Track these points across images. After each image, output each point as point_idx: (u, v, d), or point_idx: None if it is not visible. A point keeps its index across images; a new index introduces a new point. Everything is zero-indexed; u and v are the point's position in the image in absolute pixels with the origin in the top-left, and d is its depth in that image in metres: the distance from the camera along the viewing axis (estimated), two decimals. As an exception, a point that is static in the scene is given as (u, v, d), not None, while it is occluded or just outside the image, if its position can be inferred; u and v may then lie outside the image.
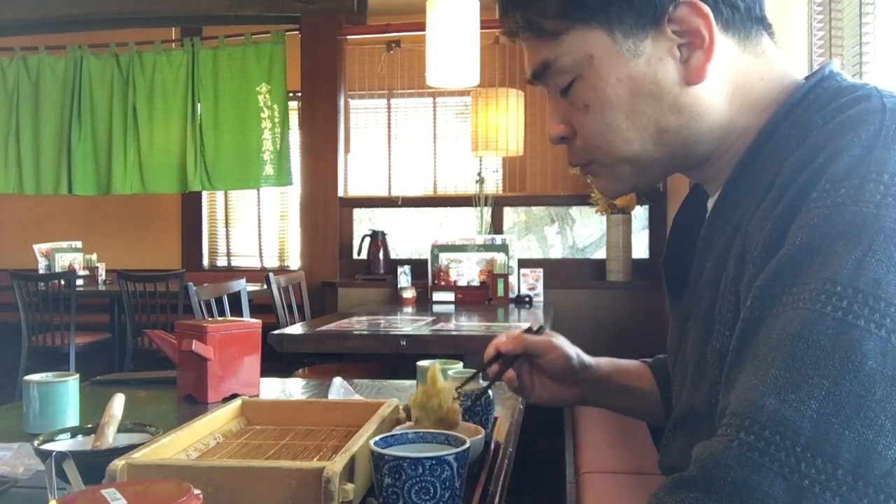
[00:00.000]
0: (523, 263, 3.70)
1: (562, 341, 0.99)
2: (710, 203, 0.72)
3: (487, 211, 3.89)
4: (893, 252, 0.50)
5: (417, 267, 3.73)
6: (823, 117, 0.59)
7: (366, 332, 2.48)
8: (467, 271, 3.64)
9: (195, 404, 1.37)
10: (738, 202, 0.64)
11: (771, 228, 0.56)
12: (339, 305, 3.83)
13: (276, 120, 4.19)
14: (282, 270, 5.08)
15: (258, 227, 5.53)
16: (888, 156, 0.53)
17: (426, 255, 3.71)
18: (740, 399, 0.51)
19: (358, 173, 4.36)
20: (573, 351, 0.98)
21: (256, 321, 1.46)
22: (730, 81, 0.67)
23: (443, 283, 3.63)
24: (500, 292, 3.49)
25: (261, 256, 5.52)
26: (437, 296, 3.58)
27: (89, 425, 0.98)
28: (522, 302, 3.46)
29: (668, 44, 0.66)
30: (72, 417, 1.20)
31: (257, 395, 1.41)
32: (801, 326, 0.50)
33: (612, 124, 0.69)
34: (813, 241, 0.52)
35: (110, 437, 0.94)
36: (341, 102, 4.06)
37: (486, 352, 1.00)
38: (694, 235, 0.72)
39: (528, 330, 1.02)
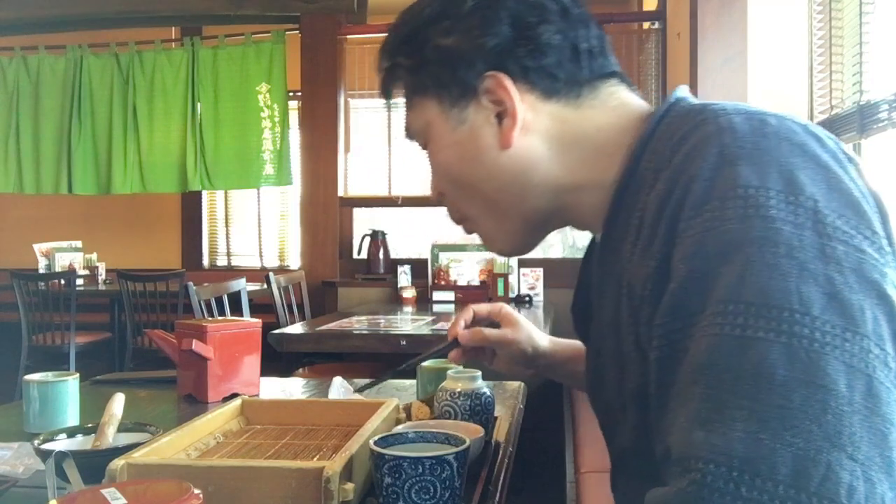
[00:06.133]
0: (523, 263, 3.69)
1: (519, 334, 1.03)
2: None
3: (487, 211, 3.88)
4: (769, 258, 0.51)
5: (417, 266, 3.73)
6: (672, 149, 0.61)
7: (366, 332, 2.48)
8: (467, 271, 3.64)
9: (195, 404, 1.37)
10: (618, 240, 0.66)
11: (654, 266, 0.57)
12: (339, 305, 3.83)
13: (276, 119, 4.19)
14: (282, 270, 5.07)
15: (258, 227, 5.53)
16: (736, 172, 0.54)
17: (426, 254, 3.71)
18: (676, 444, 0.51)
19: (358, 173, 4.36)
20: (528, 342, 1.03)
21: (256, 321, 1.46)
22: (554, 139, 0.71)
23: (443, 282, 3.63)
24: (501, 292, 3.49)
25: (261, 256, 5.52)
26: (437, 295, 3.58)
27: (89, 425, 0.98)
28: (522, 301, 3.46)
29: (485, 112, 0.71)
30: (72, 417, 1.20)
31: (257, 395, 1.41)
32: (707, 354, 0.51)
33: (451, 186, 0.76)
34: (694, 270, 0.53)
35: (110, 436, 0.94)
36: (341, 102, 4.06)
37: (448, 332, 1.05)
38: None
39: (485, 319, 1.06)
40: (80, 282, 4.31)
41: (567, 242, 5.27)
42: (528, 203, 0.73)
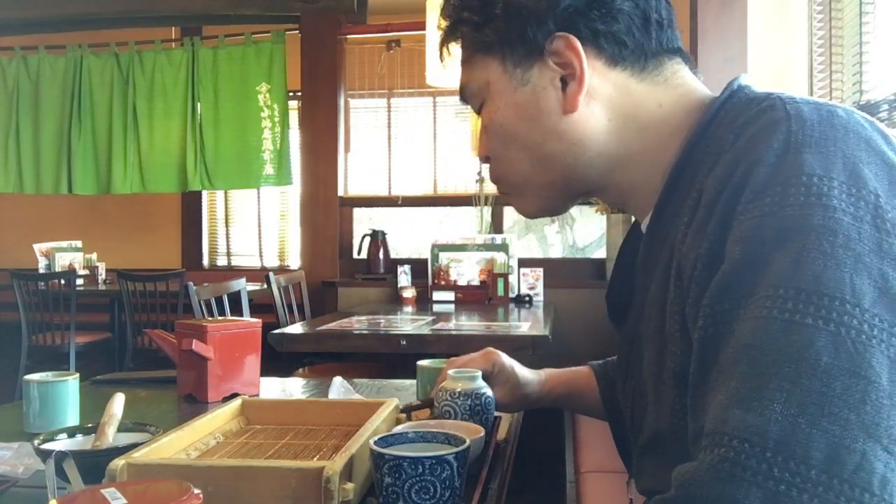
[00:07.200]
0: (523, 263, 3.69)
1: (502, 388, 1.09)
2: (643, 227, 0.74)
3: (487, 210, 3.89)
4: (826, 247, 0.51)
5: (417, 266, 3.72)
6: (734, 132, 0.61)
7: (366, 332, 2.48)
8: (467, 271, 3.64)
9: (195, 404, 1.37)
10: (670, 221, 0.66)
11: (707, 247, 0.57)
12: (339, 305, 3.83)
13: (276, 119, 4.19)
14: (282, 270, 5.07)
15: (258, 227, 5.52)
16: (801, 159, 0.54)
17: (426, 254, 3.71)
18: (711, 419, 0.51)
19: (358, 173, 4.36)
20: (513, 392, 1.10)
21: (256, 321, 1.46)
22: (616, 110, 0.71)
23: (443, 282, 3.62)
24: (501, 292, 3.49)
25: (261, 256, 5.52)
26: (437, 295, 3.58)
27: (89, 425, 0.97)
28: (522, 301, 3.46)
29: (550, 74, 0.71)
30: (72, 417, 1.20)
31: (257, 395, 1.41)
32: (753, 335, 0.51)
33: (502, 146, 0.75)
34: (749, 252, 0.53)
35: (110, 436, 0.94)
36: (341, 102, 4.06)
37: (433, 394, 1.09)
38: (634, 264, 0.75)
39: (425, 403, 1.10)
40: (80, 282, 4.31)
41: (567, 242, 5.27)
42: (577, 172, 0.73)
